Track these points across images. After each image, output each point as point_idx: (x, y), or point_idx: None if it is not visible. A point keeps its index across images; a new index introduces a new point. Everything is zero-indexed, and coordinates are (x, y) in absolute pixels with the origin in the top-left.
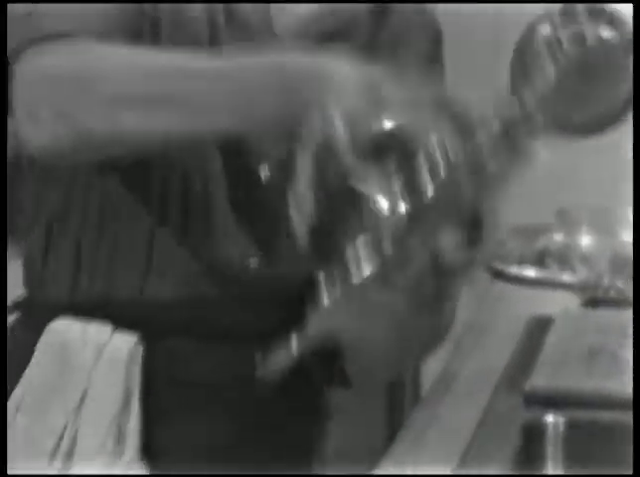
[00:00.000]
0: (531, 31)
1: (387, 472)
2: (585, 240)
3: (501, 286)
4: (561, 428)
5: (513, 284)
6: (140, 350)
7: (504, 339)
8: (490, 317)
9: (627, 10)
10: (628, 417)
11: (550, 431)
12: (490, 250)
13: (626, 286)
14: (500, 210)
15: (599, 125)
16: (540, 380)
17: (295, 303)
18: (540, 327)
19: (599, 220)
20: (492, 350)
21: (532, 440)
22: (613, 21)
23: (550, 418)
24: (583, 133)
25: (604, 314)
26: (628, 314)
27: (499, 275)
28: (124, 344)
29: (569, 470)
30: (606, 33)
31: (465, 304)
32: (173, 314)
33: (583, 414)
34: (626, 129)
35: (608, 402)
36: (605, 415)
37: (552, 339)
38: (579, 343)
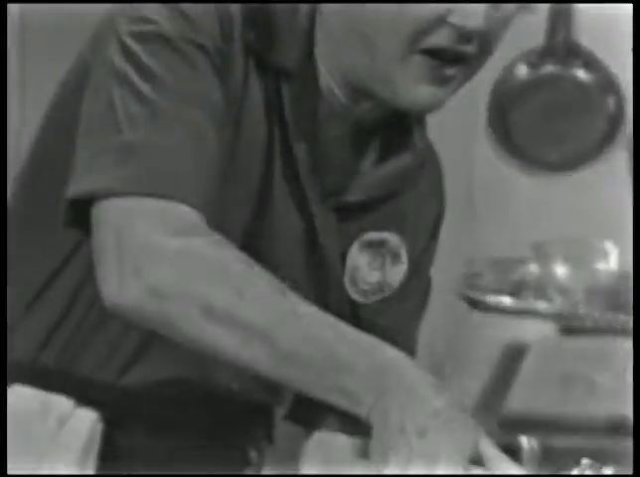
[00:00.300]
0: (508, 72)
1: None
2: (561, 271)
3: (478, 315)
4: (537, 452)
5: (490, 313)
6: (100, 428)
7: (481, 365)
8: (467, 344)
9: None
10: (602, 442)
11: (525, 455)
12: None
13: (601, 315)
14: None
15: (575, 162)
16: (515, 404)
17: (255, 412)
18: (516, 353)
19: (574, 251)
20: (469, 376)
21: None
22: (589, 63)
23: (525, 442)
24: (560, 170)
25: (580, 341)
26: (603, 341)
27: (476, 305)
28: (86, 419)
29: None
30: (582, 74)
31: (443, 332)
32: (140, 403)
33: (558, 439)
34: (602, 166)
35: (583, 428)
36: (580, 440)
37: (528, 365)
38: (555, 369)
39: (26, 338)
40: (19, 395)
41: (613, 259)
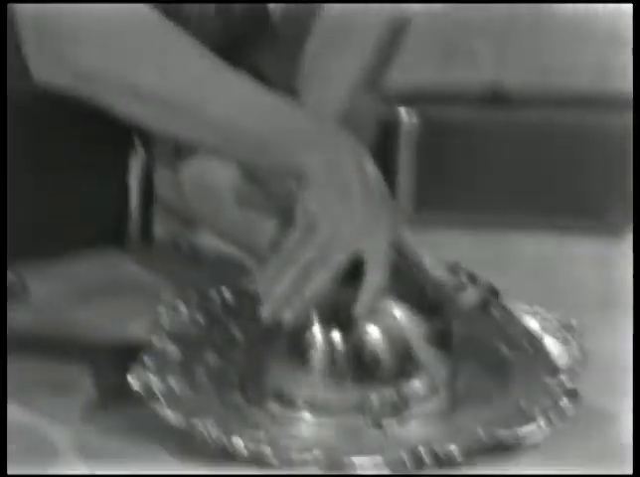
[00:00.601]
0: None
1: None
2: None
3: None
4: (416, 123)
5: None
6: None
7: (364, 38)
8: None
9: None
10: (481, 114)
11: (404, 126)
12: None
13: None
14: None
15: None
16: (396, 76)
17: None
18: (399, 26)
19: None
20: (353, 48)
21: (387, 136)
22: None
23: (404, 114)
24: None
25: (462, 8)
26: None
27: None
28: None
29: (421, 167)
30: None
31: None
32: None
33: (438, 110)
34: None
35: (462, 97)
36: (459, 111)
37: (410, 35)
38: (438, 39)
39: None
40: None
41: None
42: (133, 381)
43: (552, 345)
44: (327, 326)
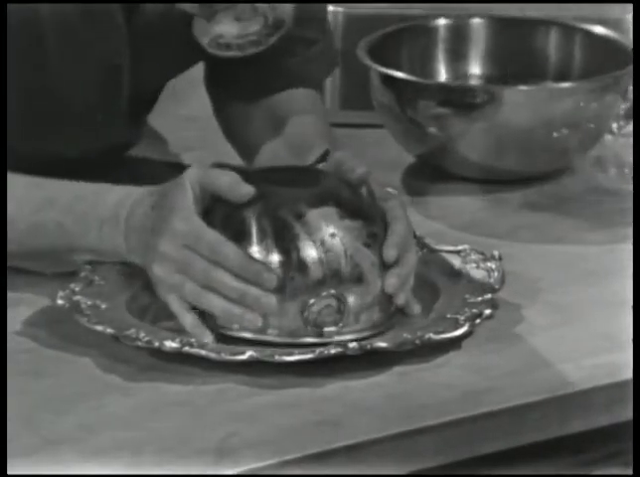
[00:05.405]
0: None
1: None
2: None
3: None
4: (341, 19)
5: None
6: None
7: None
8: None
9: None
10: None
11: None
12: None
13: None
14: None
15: None
16: None
17: None
18: None
19: None
20: None
21: None
22: None
23: (330, 8)
24: None
25: None
26: None
27: None
28: None
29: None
30: None
31: None
32: None
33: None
34: None
35: None
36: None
37: None
38: None
39: None
40: None
41: None
42: (62, 301)
43: (476, 273)
44: (263, 238)
